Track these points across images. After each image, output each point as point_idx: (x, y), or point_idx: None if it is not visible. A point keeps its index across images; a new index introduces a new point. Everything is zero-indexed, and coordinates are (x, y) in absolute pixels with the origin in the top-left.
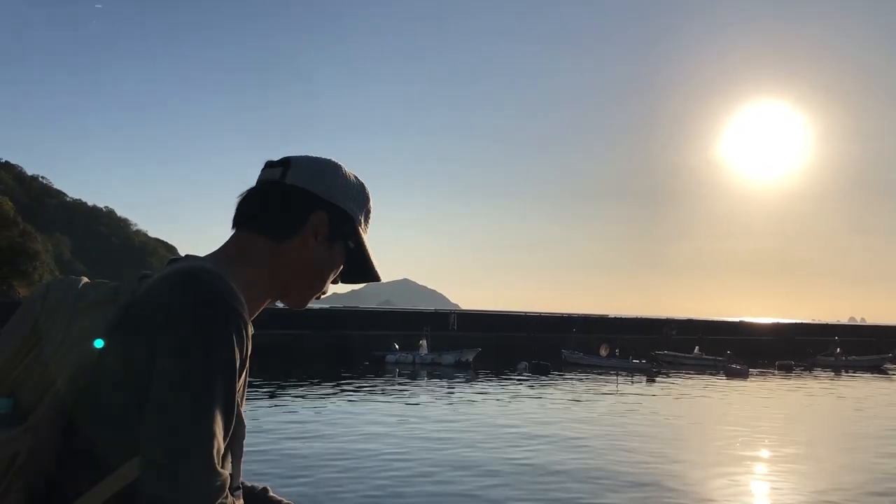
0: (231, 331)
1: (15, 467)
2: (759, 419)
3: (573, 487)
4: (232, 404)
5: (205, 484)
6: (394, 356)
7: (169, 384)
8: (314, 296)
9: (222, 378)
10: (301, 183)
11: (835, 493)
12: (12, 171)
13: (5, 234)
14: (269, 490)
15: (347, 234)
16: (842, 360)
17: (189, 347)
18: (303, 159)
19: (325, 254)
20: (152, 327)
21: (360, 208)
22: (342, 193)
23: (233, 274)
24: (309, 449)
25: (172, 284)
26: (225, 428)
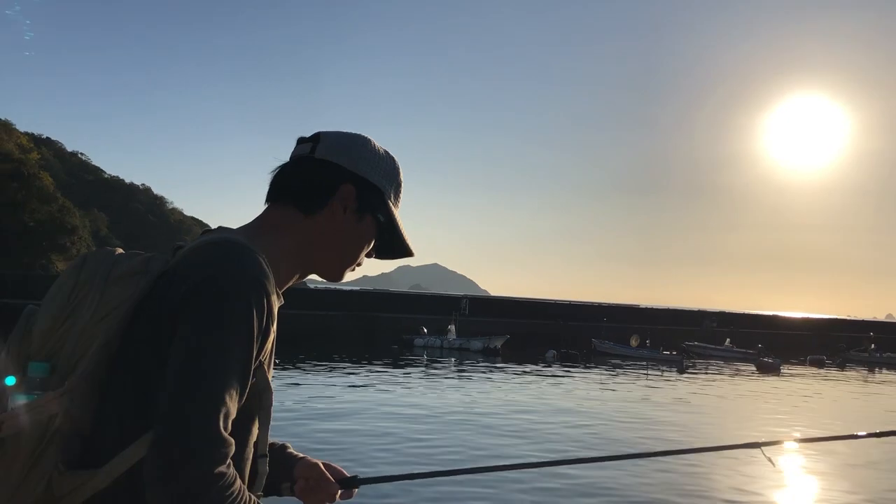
0: (252, 301)
1: (52, 429)
2: (784, 412)
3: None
4: (247, 373)
5: (208, 449)
6: (422, 340)
7: (186, 350)
8: (348, 268)
9: (238, 347)
10: (330, 156)
11: (853, 493)
12: (53, 147)
13: (45, 208)
14: (289, 446)
15: (377, 206)
16: (875, 356)
17: (209, 316)
18: (332, 134)
19: (354, 226)
20: (178, 296)
21: (390, 182)
22: (370, 166)
23: (263, 245)
24: (329, 427)
25: (200, 255)
26: (238, 396)
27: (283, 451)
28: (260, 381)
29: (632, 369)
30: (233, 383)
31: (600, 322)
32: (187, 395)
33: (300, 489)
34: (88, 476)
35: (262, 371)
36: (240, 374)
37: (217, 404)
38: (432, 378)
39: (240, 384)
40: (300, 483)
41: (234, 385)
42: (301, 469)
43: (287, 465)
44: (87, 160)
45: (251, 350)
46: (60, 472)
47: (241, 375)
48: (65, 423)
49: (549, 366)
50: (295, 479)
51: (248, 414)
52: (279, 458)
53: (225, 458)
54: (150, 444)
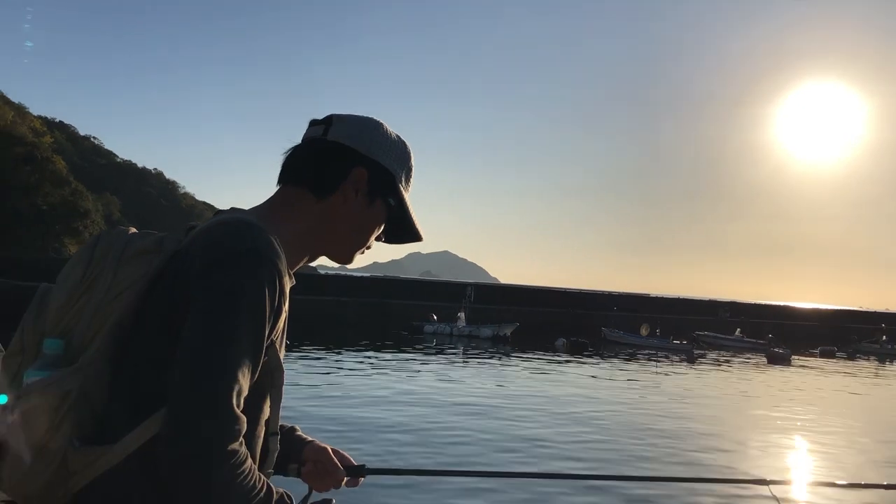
0: (264, 280)
1: (67, 405)
2: (792, 404)
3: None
4: (259, 351)
5: (221, 429)
6: (432, 327)
7: (199, 328)
8: (358, 251)
9: (251, 325)
10: (342, 139)
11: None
12: (66, 131)
13: (58, 192)
14: (297, 429)
15: (388, 190)
16: (887, 348)
17: (222, 294)
18: (345, 117)
19: (365, 210)
20: (190, 275)
21: (401, 166)
22: (382, 150)
23: (274, 226)
24: (336, 413)
25: (212, 235)
26: (250, 374)
27: (291, 432)
28: (272, 359)
29: (641, 359)
30: (245, 361)
31: (610, 311)
32: (200, 372)
33: (307, 472)
34: (102, 452)
35: (274, 350)
36: (252, 352)
37: (230, 381)
38: (440, 366)
39: (252, 362)
40: (308, 466)
41: (246, 363)
42: (310, 452)
43: (295, 447)
44: (99, 144)
45: (264, 328)
46: (75, 447)
47: (254, 353)
48: (79, 400)
49: (559, 353)
50: (303, 462)
51: (259, 392)
52: (288, 440)
53: (238, 435)
54: (163, 422)
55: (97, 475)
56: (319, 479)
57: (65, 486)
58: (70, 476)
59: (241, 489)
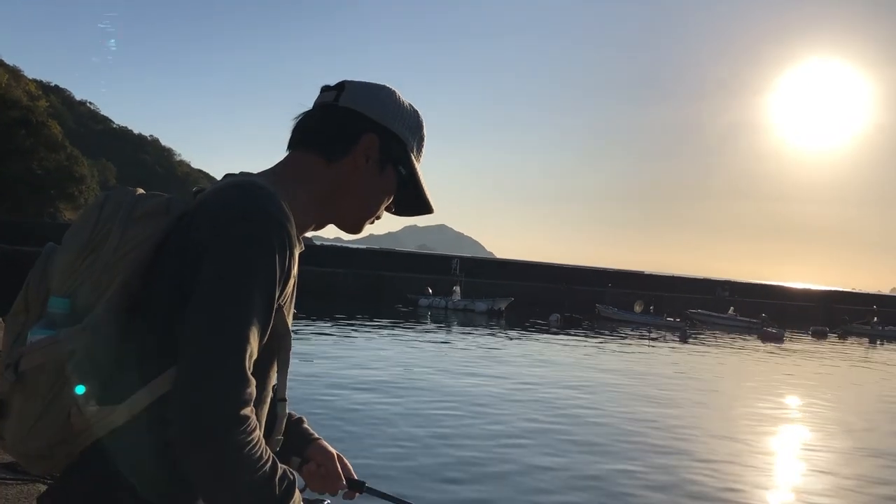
0: (275, 243)
1: (72, 364)
2: (779, 383)
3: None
4: (269, 314)
5: (232, 389)
6: (427, 300)
7: (209, 289)
8: (366, 220)
9: (261, 287)
10: (353, 105)
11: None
12: (61, 95)
13: (53, 157)
14: (305, 421)
15: (399, 158)
16: (878, 329)
17: (232, 256)
18: (357, 83)
19: (375, 177)
20: (200, 236)
21: (413, 135)
22: (394, 118)
23: (283, 190)
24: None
25: (223, 197)
26: (260, 336)
27: (299, 424)
28: (279, 324)
29: (634, 336)
30: (256, 323)
31: (605, 287)
32: (211, 333)
33: (309, 471)
34: (107, 412)
35: (282, 314)
36: (262, 314)
37: (241, 343)
38: (434, 341)
39: (262, 325)
40: (311, 466)
41: (256, 325)
42: (316, 452)
43: (301, 441)
44: (95, 109)
45: (273, 291)
46: (79, 407)
47: (264, 316)
48: (84, 359)
49: (553, 329)
50: (307, 459)
51: (268, 357)
52: (295, 432)
53: (250, 399)
54: (173, 383)
55: (101, 435)
56: (319, 481)
57: (69, 447)
58: (74, 436)
59: (248, 458)
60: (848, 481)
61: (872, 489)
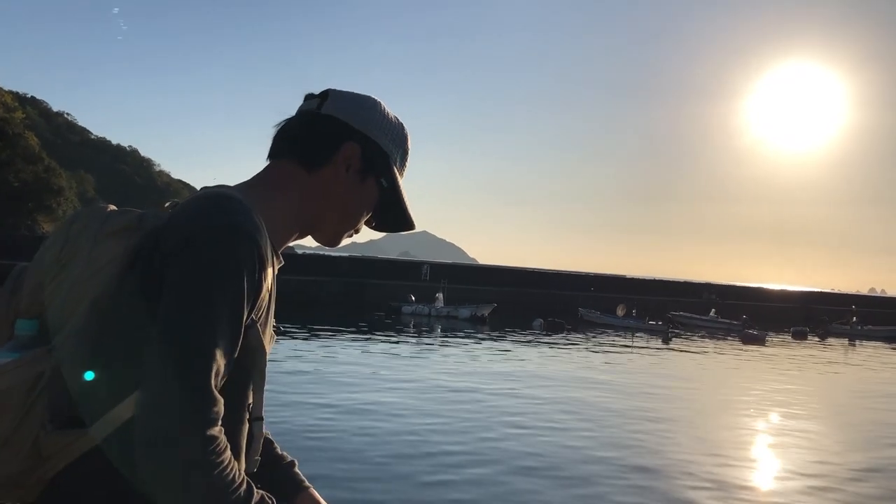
0: (243, 257)
1: (39, 386)
2: (761, 384)
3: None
4: (237, 331)
5: (197, 410)
6: (410, 307)
7: (174, 306)
8: (345, 233)
9: (228, 304)
10: (336, 113)
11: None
12: (38, 107)
13: (30, 168)
14: (295, 465)
15: (381, 170)
16: (857, 329)
17: (196, 272)
18: (342, 92)
19: (356, 188)
20: (166, 251)
21: (397, 147)
22: (378, 128)
23: (261, 202)
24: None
25: (190, 210)
26: (227, 355)
27: (290, 468)
28: (253, 340)
29: (617, 339)
30: (222, 341)
31: (588, 291)
32: (175, 352)
33: None
34: (76, 435)
35: (256, 330)
36: (230, 332)
37: (207, 362)
38: (418, 347)
39: (230, 343)
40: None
41: (223, 343)
42: (304, 502)
43: (291, 487)
44: (73, 120)
45: (241, 307)
46: (47, 431)
47: (231, 334)
48: (52, 382)
49: (536, 334)
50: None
51: (242, 375)
52: (285, 475)
53: (216, 418)
54: (136, 403)
55: (72, 460)
56: None
57: (38, 472)
58: (43, 461)
59: (219, 481)
60: (827, 482)
61: (852, 487)
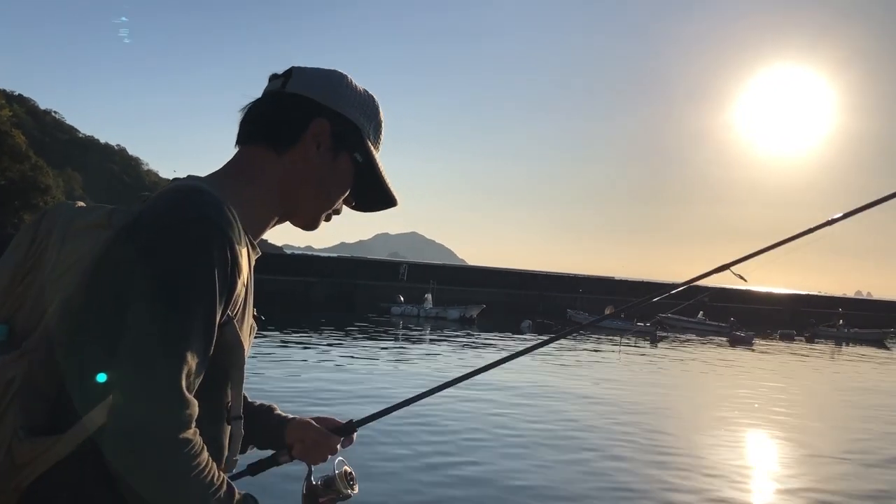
0: (213, 251)
1: (10, 392)
2: (747, 386)
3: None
4: (210, 330)
5: (169, 412)
6: (399, 308)
7: (143, 306)
8: (322, 213)
9: (198, 301)
10: (302, 90)
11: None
12: (26, 105)
13: (17, 167)
14: (276, 408)
15: (353, 145)
16: (844, 332)
17: (166, 269)
18: (306, 69)
19: (329, 165)
20: (135, 248)
21: (369, 120)
22: (347, 102)
23: (233, 190)
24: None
25: (159, 205)
26: (200, 354)
27: (270, 413)
28: (230, 337)
29: (607, 340)
30: (194, 341)
31: (577, 293)
32: (144, 354)
33: (298, 453)
34: (51, 442)
35: (232, 326)
36: (202, 330)
37: (178, 362)
38: (404, 348)
39: (202, 342)
40: (297, 447)
41: (195, 342)
42: (293, 431)
43: (277, 433)
44: (61, 119)
45: (213, 304)
46: (20, 438)
47: (204, 332)
48: (24, 387)
49: (524, 335)
50: (290, 445)
51: (219, 373)
52: (268, 425)
53: (189, 421)
54: (109, 408)
55: (47, 468)
56: (313, 453)
57: (12, 481)
58: (17, 470)
59: (196, 484)
60: (812, 484)
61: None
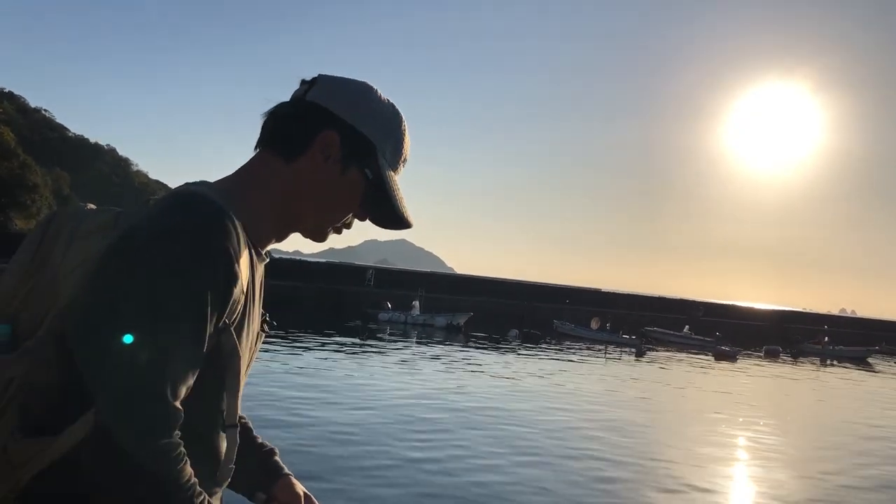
0: (209, 257)
1: (9, 393)
2: (730, 401)
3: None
4: (201, 337)
5: (152, 420)
6: (386, 315)
7: (133, 311)
8: (329, 226)
9: (191, 308)
10: (319, 99)
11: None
12: (15, 102)
13: (5, 164)
14: (276, 454)
15: (364, 160)
16: (828, 349)
17: (159, 275)
18: (331, 78)
19: (337, 178)
20: (132, 251)
21: (386, 136)
22: (363, 116)
23: (239, 196)
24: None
25: (157, 211)
26: (190, 361)
27: (269, 456)
28: (226, 344)
29: (592, 351)
30: (184, 346)
31: (563, 304)
32: (132, 358)
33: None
34: (46, 444)
35: (229, 334)
36: (191, 337)
37: (163, 370)
38: (391, 357)
39: (193, 349)
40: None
41: (186, 348)
42: (282, 491)
43: (269, 476)
44: (50, 117)
45: (205, 311)
46: (16, 439)
47: (194, 339)
48: (23, 388)
49: (511, 344)
50: (273, 497)
51: (216, 380)
52: (263, 464)
53: (170, 428)
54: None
55: (42, 468)
56: None
57: (9, 482)
58: (14, 470)
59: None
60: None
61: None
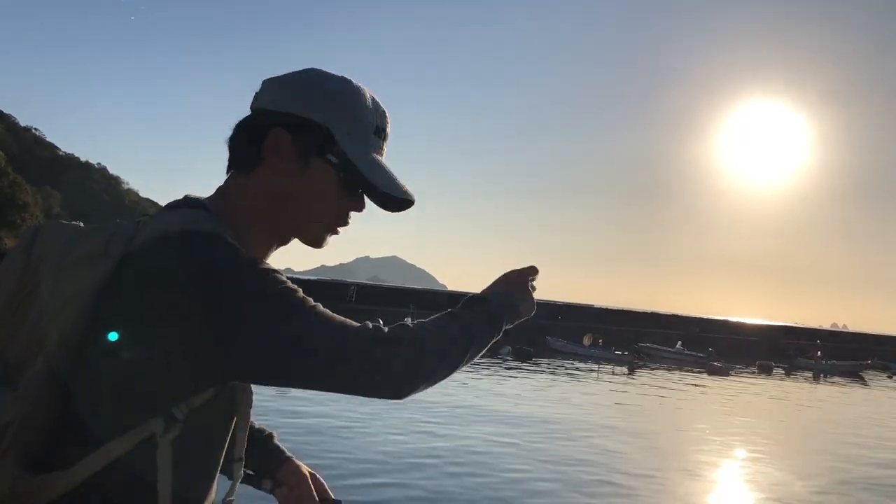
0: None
1: (7, 440)
2: (723, 416)
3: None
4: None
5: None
6: None
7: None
8: (319, 227)
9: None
10: (263, 103)
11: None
12: (5, 121)
13: None
14: (274, 437)
15: (322, 146)
16: (821, 364)
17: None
18: (273, 78)
19: (302, 175)
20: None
21: (340, 114)
22: (308, 102)
23: (225, 221)
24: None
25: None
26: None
27: (268, 441)
28: None
29: (585, 367)
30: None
31: (556, 320)
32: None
33: (283, 496)
34: (55, 478)
35: None
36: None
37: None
38: None
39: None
40: (283, 490)
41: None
42: (288, 475)
43: (273, 461)
44: (41, 136)
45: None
46: (23, 478)
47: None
48: (22, 431)
49: (504, 360)
50: (279, 482)
51: (226, 413)
52: (265, 450)
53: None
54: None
55: (52, 499)
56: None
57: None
58: (22, 501)
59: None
60: None
61: None
